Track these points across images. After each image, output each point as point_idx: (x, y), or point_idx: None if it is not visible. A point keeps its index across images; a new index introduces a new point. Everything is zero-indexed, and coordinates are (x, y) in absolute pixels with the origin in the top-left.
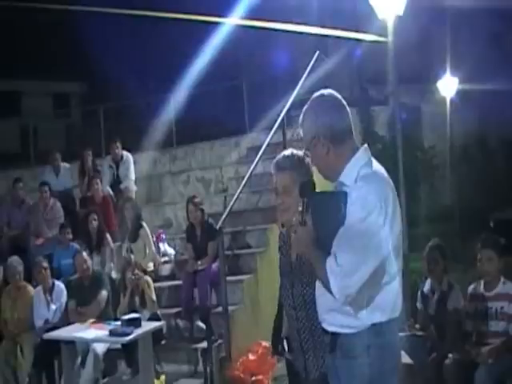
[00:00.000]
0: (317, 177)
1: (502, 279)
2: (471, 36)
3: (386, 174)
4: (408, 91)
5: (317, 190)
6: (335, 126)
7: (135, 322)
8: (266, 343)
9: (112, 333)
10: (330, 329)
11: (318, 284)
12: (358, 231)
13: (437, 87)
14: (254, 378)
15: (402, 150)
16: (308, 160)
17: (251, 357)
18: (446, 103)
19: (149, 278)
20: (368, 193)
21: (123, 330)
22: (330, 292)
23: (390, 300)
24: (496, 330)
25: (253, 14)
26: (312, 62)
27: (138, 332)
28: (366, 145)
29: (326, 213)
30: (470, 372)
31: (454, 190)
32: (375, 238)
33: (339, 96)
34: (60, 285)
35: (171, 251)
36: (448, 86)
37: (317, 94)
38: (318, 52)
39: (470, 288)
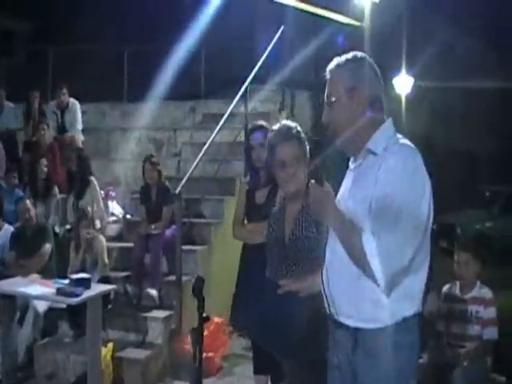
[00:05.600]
0: None
1: (478, 283)
2: (427, 35)
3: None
4: None
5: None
6: (376, 88)
7: (85, 283)
8: (219, 319)
9: (59, 292)
10: (351, 323)
11: (336, 266)
12: (401, 203)
13: (392, 84)
14: (204, 355)
15: None
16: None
17: None
18: (401, 101)
19: (103, 239)
20: (407, 160)
21: (72, 291)
22: (370, 275)
23: (418, 290)
24: (470, 334)
25: None
26: (276, 37)
27: (87, 294)
28: (390, 118)
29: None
30: (444, 373)
31: None
32: (419, 210)
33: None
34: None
35: (120, 210)
36: (403, 83)
37: (360, 54)
38: (282, 27)
39: (445, 288)
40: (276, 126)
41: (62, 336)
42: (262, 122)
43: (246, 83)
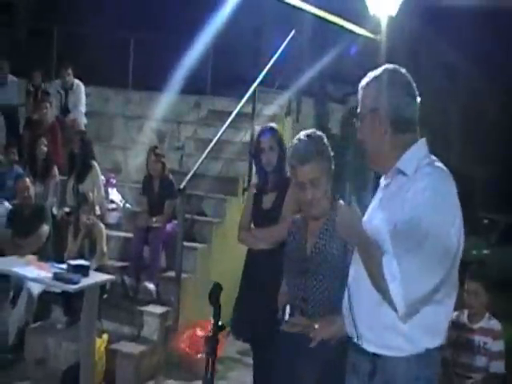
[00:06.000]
0: None
1: (487, 314)
2: (432, 56)
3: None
4: None
5: None
6: (403, 108)
7: (83, 270)
8: None
9: (57, 277)
10: (370, 348)
11: (359, 288)
12: (427, 227)
13: None
14: (199, 356)
15: (352, 153)
16: (326, 140)
17: (199, 332)
18: None
19: (102, 226)
20: (439, 183)
21: (70, 277)
22: (388, 301)
23: (442, 322)
24: (477, 365)
25: None
26: (286, 41)
27: (86, 282)
28: (424, 138)
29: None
30: None
31: None
32: (447, 239)
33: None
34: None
35: (119, 198)
36: None
37: (392, 67)
38: (293, 31)
39: (453, 315)
40: (294, 142)
41: (54, 321)
42: (271, 124)
43: (255, 84)
